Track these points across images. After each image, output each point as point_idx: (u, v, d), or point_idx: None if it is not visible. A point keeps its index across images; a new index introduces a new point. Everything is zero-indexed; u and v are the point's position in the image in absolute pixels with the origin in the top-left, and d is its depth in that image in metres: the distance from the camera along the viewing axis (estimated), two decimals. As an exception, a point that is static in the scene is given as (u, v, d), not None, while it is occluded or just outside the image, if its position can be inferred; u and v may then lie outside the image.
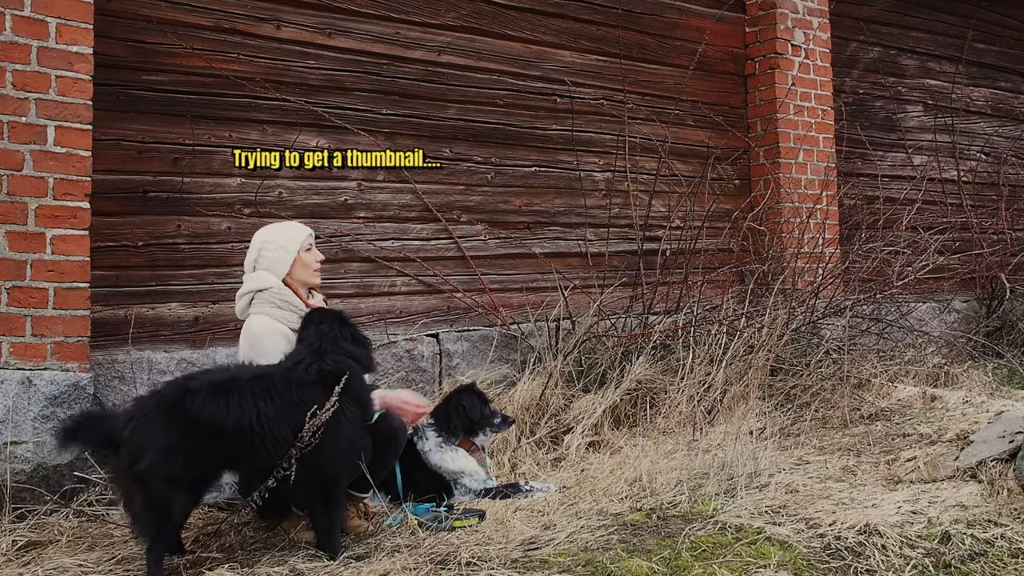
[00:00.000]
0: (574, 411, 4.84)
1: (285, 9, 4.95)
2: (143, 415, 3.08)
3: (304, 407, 3.16)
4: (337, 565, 3.12)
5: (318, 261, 3.75)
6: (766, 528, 3.25)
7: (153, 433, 3.03)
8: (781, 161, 6.66)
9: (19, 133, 3.93)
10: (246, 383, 3.18)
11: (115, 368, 4.31)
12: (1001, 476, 3.60)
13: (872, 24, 7.71)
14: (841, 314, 5.83)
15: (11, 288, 3.91)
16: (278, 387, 3.19)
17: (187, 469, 3.06)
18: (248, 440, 3.11)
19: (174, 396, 3.12)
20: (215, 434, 3.08)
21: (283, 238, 3.67)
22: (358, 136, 5.15)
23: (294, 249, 3.65)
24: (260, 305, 3.60)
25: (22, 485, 3.79)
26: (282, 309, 3.58)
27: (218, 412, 3.09)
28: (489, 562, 3.06)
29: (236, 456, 3.19)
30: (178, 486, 3.05)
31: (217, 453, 3.13)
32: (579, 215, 5.99)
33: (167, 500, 3.03)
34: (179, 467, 3.04)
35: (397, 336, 5.16)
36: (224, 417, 3.08)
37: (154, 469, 3.00)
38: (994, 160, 8.50)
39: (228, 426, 3.08)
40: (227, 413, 3.09)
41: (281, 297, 3.59)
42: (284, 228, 3.76)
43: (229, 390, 3.13)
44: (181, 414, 3.07)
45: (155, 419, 3.06)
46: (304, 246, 3.69)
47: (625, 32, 6.22)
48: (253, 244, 3.70)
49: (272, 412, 3.14)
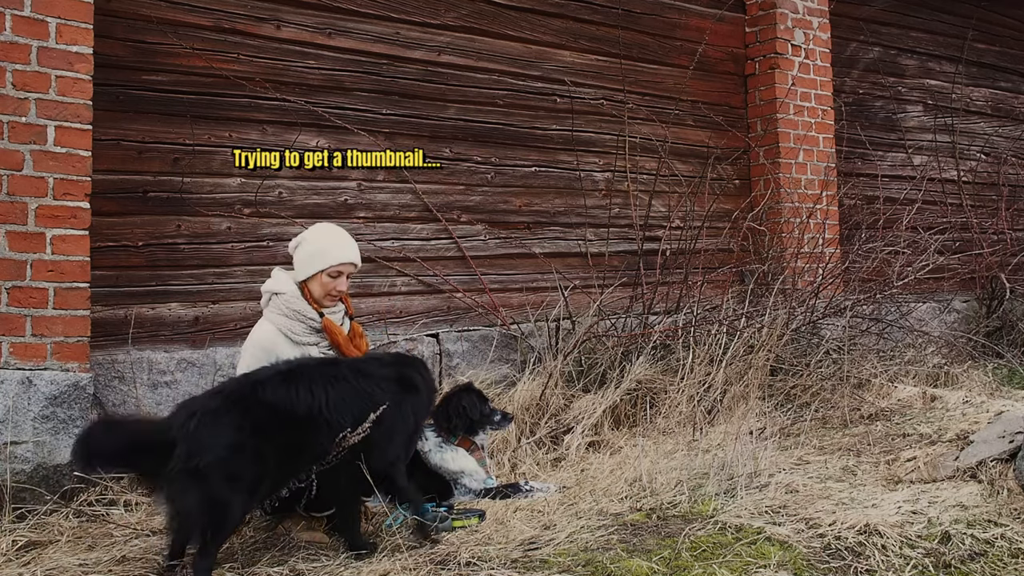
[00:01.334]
0: (574, 411, 4.84)
1: (285, 9, 4.95)
2: (206, 411, 3.03)
3: (371, 398, 3.20)
4: (337, 565, 3.12)
5: (337, 290, 3.66)
6: (766, 528, 3.25)
7: (217, 429, 2.99)
8: (781, 161, 6.66)
9: (19, 133, 3.93)
10: (314, 369, 3.22)
11: (115, 368, 4.31)
12: (1001, 476, 3.60)
13: (872, 24, 7.71)
14: (841, 314, 5.83)
15: (11, 288, 3.91)
16: (345, 375, 3.23)
17: (249, 467, 3.01)
18: (314, 430, 3.10)
19: (241, 391, 3.12)
20: (282, 425, 3.06)
21: (317, 247, 3.62)
22: (358, 136, 5.15)
23: (320, 265, 3.60)
24: (270, 310, 3.61)
25: (22, 485, 3.79)
26: (289, 319, 3.58)
27: (288, 399, 3.09)
28: (489, 562, 3.06)
29: (296, 451, 3.13)
30: (240, 485, 2.99)
31: (279, 448, 3.07)
32: (579, 215, 5.99)
33: (227, 501, 2.97)
34: (243, 465, 2.99)
35: (397, 336, 5.16)
36: (295, 404, 3.08)
37: (216, 467, 2.93)
38: (994, 160, 8.50)
39: (298, 413, 3.07)
40: (298, 400, 3.09)
41: (291, 306, 3.58)
42: (327, 239, 3.66)
43: (298, 377, 3.15)
44: (248, 408, 3.05)
45: (220, 415, 3.03)
46: (331, 271, 3.62)
47: (625, 32, 6.22)
48: (306, 231, 3.71)
49: (338, 399, 3.16)
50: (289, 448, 3.10)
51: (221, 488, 2.95)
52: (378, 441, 3.23)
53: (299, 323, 3.58)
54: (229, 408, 3.05)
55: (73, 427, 3.93)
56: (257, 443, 3.02)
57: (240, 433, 3.00)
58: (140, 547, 3.37)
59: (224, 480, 2.95)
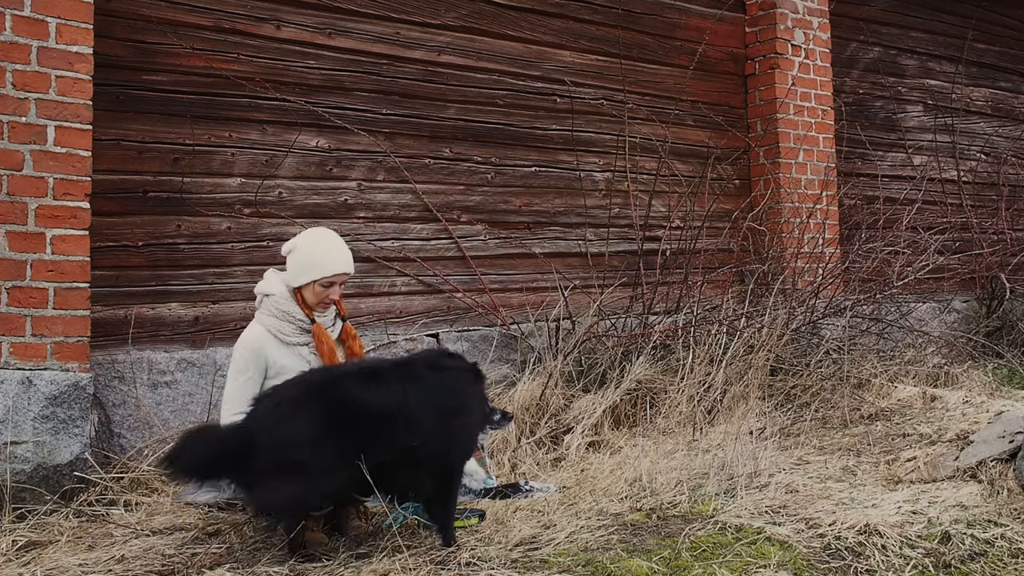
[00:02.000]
0: (574, 411, 4.84)
1: (285, 9, 4.95)
2: (288, 403, 3.08)
3: (445, 392, 3.24)
4: (337, 565, 3.12)
5: (331, 298, 3.64)
6: (766, 528, 3.25)
7: (299, 421, 3.04)
8: (781, 161, 6.66)
9: (19, 133, 3.93)
10: (390, 368, 3.29)
11: (115, 368, 4.31)
12: (1001, 476, 3.60)
13: (872, 24, 7.71)
14: (841, 314, 5.83)
15: (11, 288, 3.91)
16: (421, 371, 3.28)
17: (329, 458, 3.06)
18: (390, 424, 3.14)
19: (321, 383, 3.16)
20: (360, 418, 3.10)
21: (308, 259, 3.59)
22: (358, 136, 5.15)
23: (309, 276, 3.58)
24: (261, 311, 3.63)
25: (22, 485, 3.79)
26: (279, 319, 3.58)
27: (368, 394, 3.13)
28: (489, 562, 3.06)
29: (371, 443, 3.16)
30: (321, 475, 3.05)
31: (355, 440, 3.10)
32: (579, 215, 5.99)
33: (309, 491, 3.04)
34: (325, 456, 3.04)
35: (397, 336, 5.16)
36: (373, 399, 3.12)
37: (301, 459, 3.00)
38: (994, 160, 8.50)
39: (375, 407, 3.11)
40: (376, 395, 3.13)
41: (280, 307, 3.58)
42: (318, 251, 3.62)
43: (375, 374, 3.21)
44: (328, 401, 3.10)
45: (302, 407, 3.07)
46: (323, 282, 3.59)
47: (625, 32, 6.23)
48: (297, 237, 3.70)
49: (416, 394, 3.20)
50: (366, 440, 3.14)
51: (305, 479, 3.01)
52: (458, 432, 3.29)
53: (288, 324, 3.58)
54: (310, 400, 3.10)
55: (73, 427, 3.93)
56: (336, 434, 3.06)
57: (318, 424, 3.06)
58: (140, 547, 3.37)
59: (310, 471, 3.01)
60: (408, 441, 3.14)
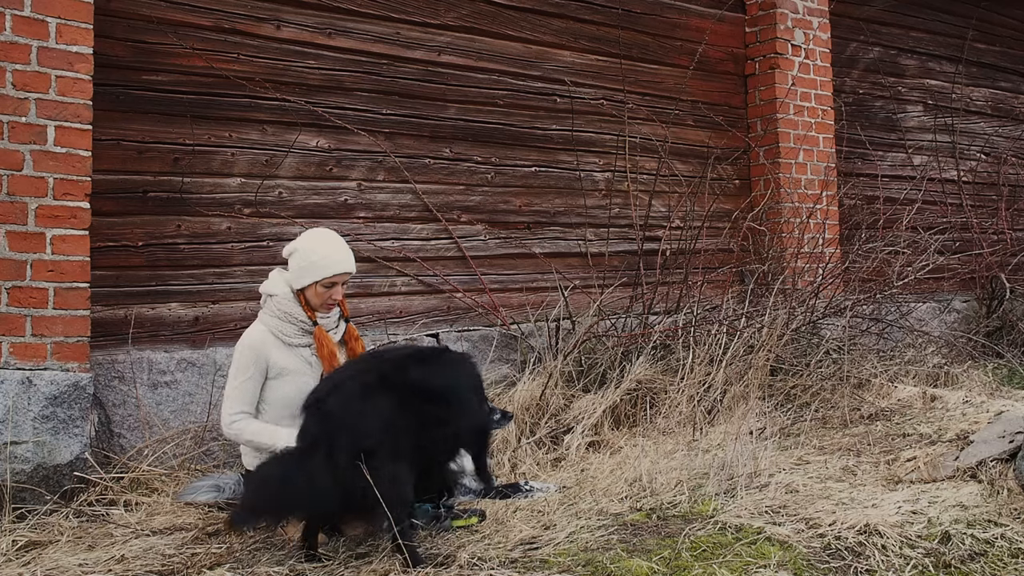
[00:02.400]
0: (574, 411, 4.84)
1: (285, 9, 4.95)
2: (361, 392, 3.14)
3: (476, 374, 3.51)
4: (337, 565, 3.12)
5: (333, 299, 3.66)
6: (766, 528, 3.25)
7: (376, 409, 3.10)
8: (781, 161, 6.66)
9: (19, 133, 3.93)
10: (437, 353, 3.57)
11: (115, 368, 4.31)
12: (1001, 476, 3.60)
13: (872, 24, 7.71)
14: (841, 314, 5.83)
15: (11, 288, 3.91)
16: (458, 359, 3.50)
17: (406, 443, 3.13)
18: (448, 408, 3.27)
19: (384, 370, 3.23)
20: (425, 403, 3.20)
21: (310, 260, 3.59)
22: (358, 136, 5.15)
23: (312, 277, 3.59)
24: (264, 312, 3.64)
25: (22, 485, 3.79)
26: (281, 320, 3.59)
27: (432, 378, 3.26)
28: (489, 562, 3.06)
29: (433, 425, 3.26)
30: (404, 461, 3.11)
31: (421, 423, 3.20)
32: (579, 215, 5.99)
33: (402, 476, 3.09)
34: (402, 442, 3.11)
35: (397, 336, 5.16)
36: (436, 383, 3.26)
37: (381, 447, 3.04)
38: (994, 160, 8.50)
39: (438, 391, 3.24)
40: (439, 379, 3.28)
41: (283, 308, 3.60)
42: (320, 252, 3.62)
43: (430, 359, 3.38)
44: (395, 387, 3.17)
45: (375, 395, 3.14)
46: (325, 282, 3.61)
47: (625, 32, 6.23)
48: (298, 239, 3.69)
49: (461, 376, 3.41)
50: (425, 424, 3.24)
51: (394, 466, 3.06)
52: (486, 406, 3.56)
53: (291, 325, 3.59)
54: (379, 387, 3.16)
55: (73, 427, 3.93)
56: (406, 419, 3.14)
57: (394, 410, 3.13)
58: (140, 547, 3.37)
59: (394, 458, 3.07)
60: (460, 420, 3.32)
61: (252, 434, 3.48)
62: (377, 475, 2.96)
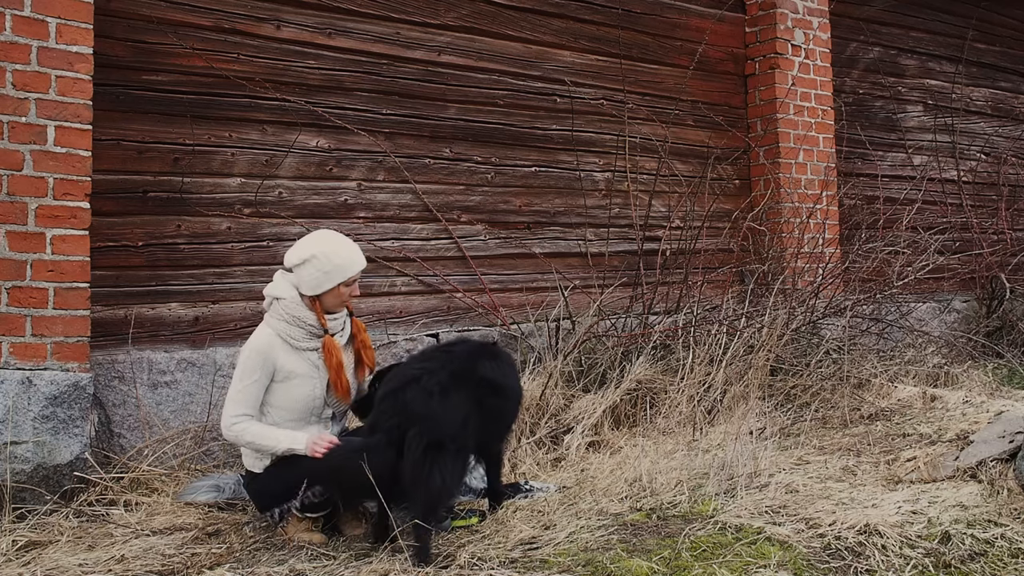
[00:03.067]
0: (574, 411, 4.84)
1: (285, 9, 4.95)
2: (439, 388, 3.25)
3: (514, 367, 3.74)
4: (337, 565, 3.13)
5: (354, 295, 3.65)
6: (766, 528, 3.25)
7: (452, 404, 3.25)
8: (781, 161, 6.66)
9: (19, 133, 3.93)
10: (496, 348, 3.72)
11: (115, 368, 4.31)
12: (1001, 476, 3.60)
13: (872, 24, 7.71)
14: (841, 314, 5.83)
15: (11, 288, 3.91)
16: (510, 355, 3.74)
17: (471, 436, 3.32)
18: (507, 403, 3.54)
19: (462, 365, 3.38)
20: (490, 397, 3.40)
21: (334, 264, 3.54)
22: (358, 136, 5.15)
23: (337, 280, 3.55)
24: (271, 315, 3.57)
25: (22, 485, 3.79)
26: (290, 324, 3.53)
27: (499, 373, 3.47)
28: (489, 562, 3.06)
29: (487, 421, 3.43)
30: (465, 455, 3.31)
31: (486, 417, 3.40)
32: (579, 215, 5.99)
33: (460, 471, 3.24)
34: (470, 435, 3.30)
35: (397, 336, 5.16)
36: (503, 378, 3.47)
37: (451, 439, 3.18)
38: (994, 160, 8.50)
39: (503, 386, 3.47)
40: (504, 375, 3.49)
41: (291, 312, 3.53)
42: (341, 253, 3.58)
43: (498, 355, 3.59)
44: (468, 382, 3.33)
45: (452, 390, 3.27)
46: (348, 281, 3.58)
47: (625, 32, 6.23)
48: (305, 247, 3.57)
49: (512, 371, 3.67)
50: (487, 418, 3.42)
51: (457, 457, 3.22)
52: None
53: (299, 329, 3.55)
54: (456, 383, 3.30)
55: (73, 427, 3.93)
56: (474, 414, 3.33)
57: (466, 405, 3.30)
58: (140, 547, 3.37)
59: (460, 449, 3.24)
60: (516, 415, 3.58)
61: (253, 436, 3.47)
62: (441, 467, 3.11)
